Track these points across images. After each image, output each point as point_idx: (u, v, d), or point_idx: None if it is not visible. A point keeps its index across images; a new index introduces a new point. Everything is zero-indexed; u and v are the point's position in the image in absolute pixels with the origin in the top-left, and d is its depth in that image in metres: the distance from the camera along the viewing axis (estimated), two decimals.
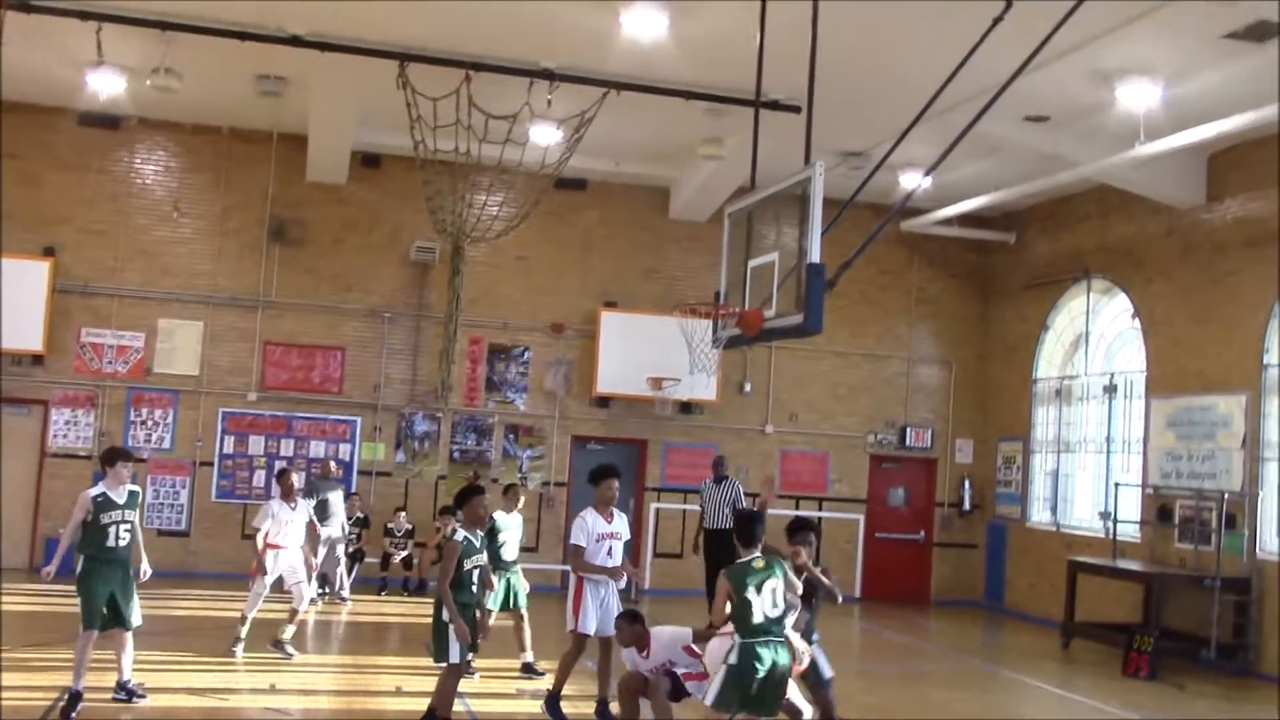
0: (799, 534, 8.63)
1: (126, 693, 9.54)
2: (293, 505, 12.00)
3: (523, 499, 12.46)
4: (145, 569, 9.60)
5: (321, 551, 15.63)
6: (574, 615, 9.58)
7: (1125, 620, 15.28)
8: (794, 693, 8.09)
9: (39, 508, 16.71)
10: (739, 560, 7.57)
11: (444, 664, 8.78)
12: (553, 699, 9.70)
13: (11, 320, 16.06)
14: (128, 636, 9.46)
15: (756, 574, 7.42)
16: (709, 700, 7.52)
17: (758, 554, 7.58)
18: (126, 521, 9.29)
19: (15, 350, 16.48)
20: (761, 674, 7.30)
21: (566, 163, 14.86)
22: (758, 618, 7.33)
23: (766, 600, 7.37)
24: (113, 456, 9.56)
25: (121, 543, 9.25)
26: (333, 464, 16.50)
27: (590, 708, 9.80)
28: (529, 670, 11.53)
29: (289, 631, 11.83)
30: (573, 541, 9.72)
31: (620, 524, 9.83)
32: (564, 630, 9.85)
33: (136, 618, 9.44)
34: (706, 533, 15.18)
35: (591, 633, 9.58)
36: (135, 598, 9.43)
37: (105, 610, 9.22)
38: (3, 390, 16.57)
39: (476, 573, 8.88)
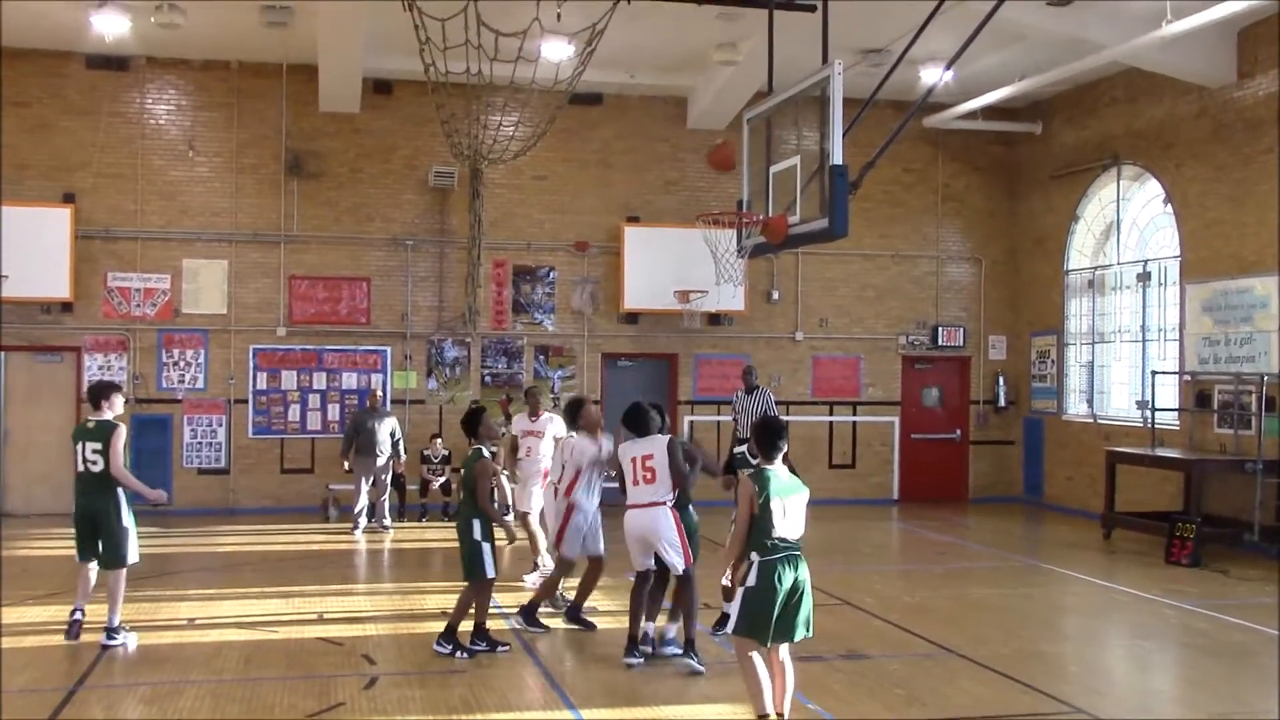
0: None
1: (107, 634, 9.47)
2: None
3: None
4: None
5: (365, 485, 15.78)
6: None
7: (1166, 509, 15.24)
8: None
9: None
10: (762, 468, 7.09)
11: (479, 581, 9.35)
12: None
13: (37, 268, 16.18)
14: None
15: (783, 486, 6.98)
16: (730, 628, 7.08)
17: (781, 466, 7.14)
18: None
19: (44, 298, 16.56)
20: (782, 593, 6.88)
21: (580, 77, 14.60)
22: (779, 531, 6.88)
23: (791, 516, 6.95)
24: (107, 390, 9.85)
25: None
26: (379, 394, 16.67)
27: None
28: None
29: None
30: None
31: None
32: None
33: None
34: (739, 443, 15.17)
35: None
36: None
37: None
38: (34, 339, 16.69)
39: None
